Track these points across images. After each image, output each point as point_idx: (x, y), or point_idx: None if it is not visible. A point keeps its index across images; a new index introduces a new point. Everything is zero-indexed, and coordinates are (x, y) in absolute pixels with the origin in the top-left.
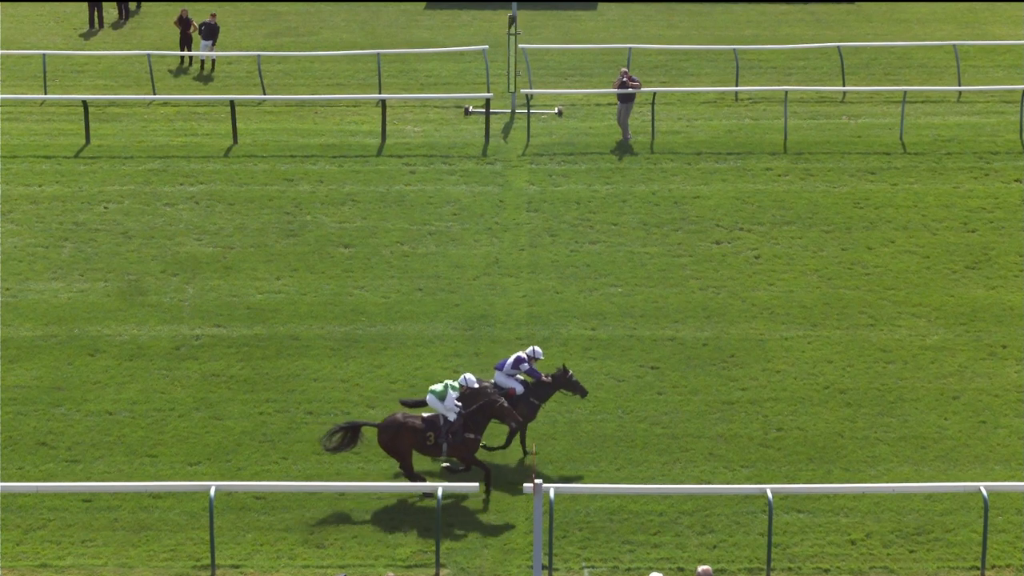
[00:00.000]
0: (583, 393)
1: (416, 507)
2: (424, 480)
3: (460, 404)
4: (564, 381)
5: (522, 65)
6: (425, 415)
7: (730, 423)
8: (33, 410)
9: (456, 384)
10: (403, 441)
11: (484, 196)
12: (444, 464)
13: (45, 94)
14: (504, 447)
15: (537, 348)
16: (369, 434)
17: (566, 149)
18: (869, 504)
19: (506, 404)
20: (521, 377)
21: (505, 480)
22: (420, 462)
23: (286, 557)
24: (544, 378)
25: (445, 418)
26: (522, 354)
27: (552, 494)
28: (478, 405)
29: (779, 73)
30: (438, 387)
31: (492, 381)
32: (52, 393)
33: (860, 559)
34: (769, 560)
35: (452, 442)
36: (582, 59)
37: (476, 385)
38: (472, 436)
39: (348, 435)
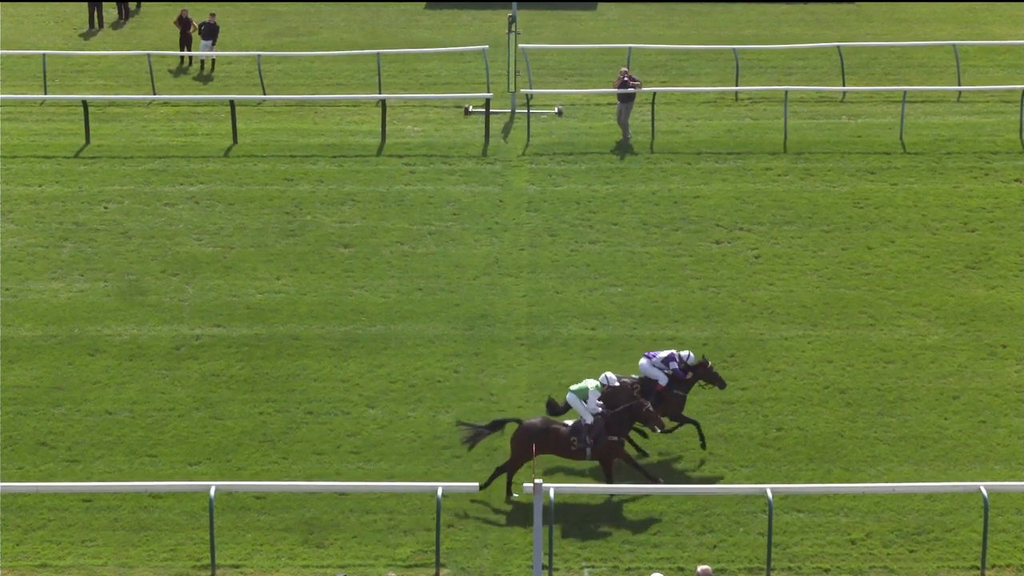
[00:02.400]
0: (722, 385)
1: (416, 507)
2: (511, 496)
3: (602, 404)
4: (705, 372)
5: (522, 65)
6: (569, 421)
7: (730, 423)
8: (33, 410)
9: (598, 384)
10: (540, 446)
11: (484, 196)
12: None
13: (45, 94)
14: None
15: (692, 354)
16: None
17: (566, 149)
18: (869, 504)
19: (651, 408)
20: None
21: (506, 480)
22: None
23: (286, 557)
24: (687, 376)
25: (584, 420)
26: (674, 353)
27: (552, 494)
28: (623, 407)
29: (779, 73)
30: (579, 386)
31: (633, 377)
32: (52, 393)
33: (860, 559)
34: (769, 560)
35: (595, 446)
36: (582, 59)
37: (617, 383)
38: (615, 439)
39: (488, 432)
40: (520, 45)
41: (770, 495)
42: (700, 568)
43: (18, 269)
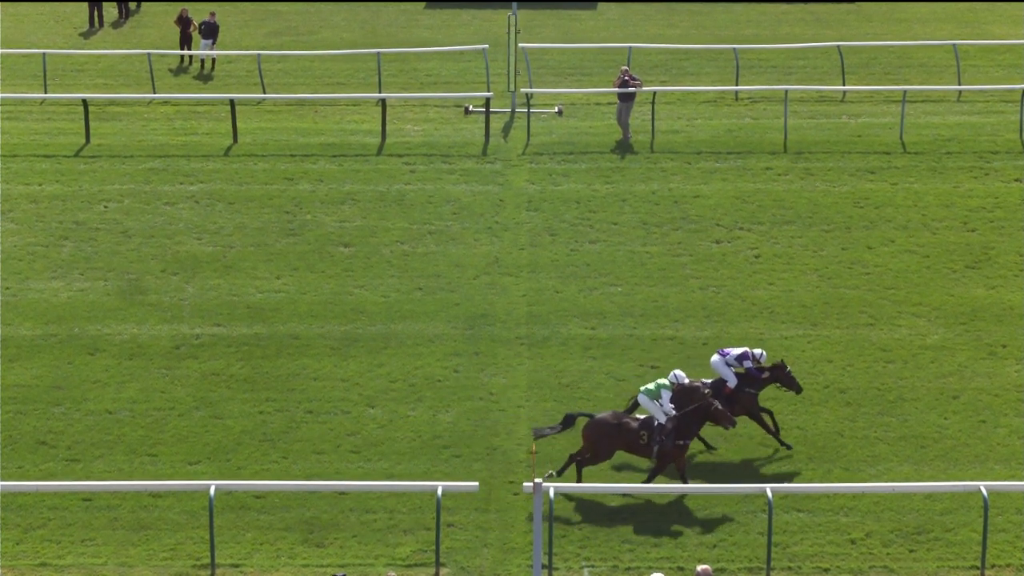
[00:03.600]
0: (798, 390)
1: (416, 507)
2: (557, 475)
3: (673, 406)
4: (781, 375)
5: (522, 65)
6: (640, 416)
7: None
8: (33, 410)
9: (668, 383)
10: (613, 440)
11: (484, 195)
12: (550, 472)
13: (45, 93)
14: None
15: (764, 353)
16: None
17: (566, 148)
18: (869, 504)
19: (720, 406)
20: (735, 370)
21: (505, 480)
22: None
23: (286, 556)
24: (763, 376)
25: (658, 420)
26: (748, 351)
27: (552, 494)
28: (692, 408)
29: (779, 72)
30: (650, 386)
31: (705, 381)
32: (52, 392)
33: (860, 559)
34: (769, 560)
35: (664, 446)
36: (582, 59)
37: (687, 381)
38: (682, 443)
39: (561, 430)
40: (520, 45)
41: (770, 495)
42: (700, 568)
43: (18, 268)
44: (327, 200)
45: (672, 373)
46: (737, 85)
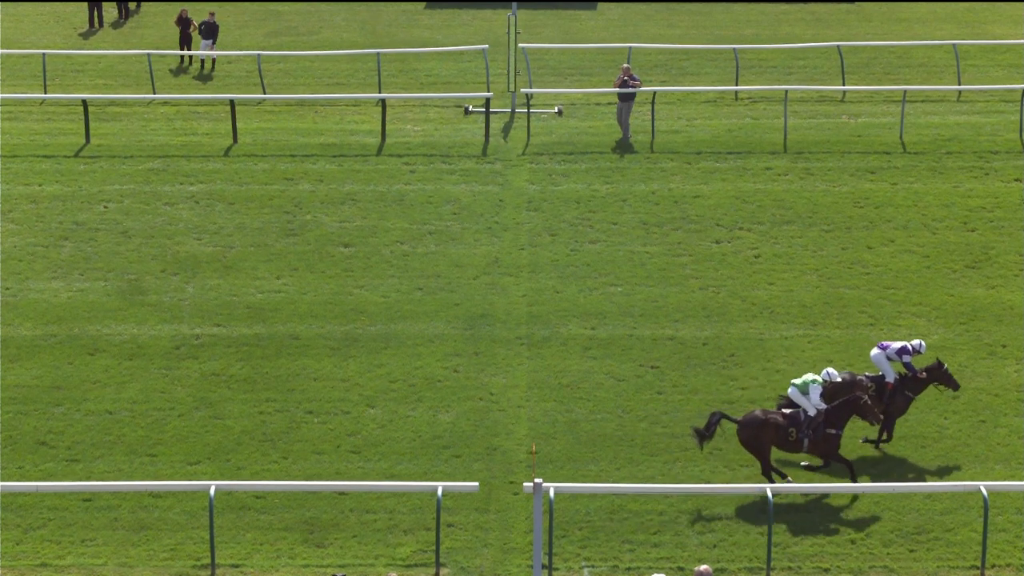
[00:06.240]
0: (956, 387)
1: (416, 507)
2: (786, 478)
3: (823, 399)
4: (939, 375)
5: (522, 65)
6: (786, 411)
7: (730, 423)
8: (33, 410)
9: (819, 379)
10: (764, 437)
11: (484, 195)
12: (803, 464)
13: (45, 93)
14: (876, 442)
15: (923, 343)
16: (729, 428)
17: (566, 148)
18: (869, 504)
19: (868, 401)
20: (894, 369)
21: (505, 480)
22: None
23: (286, 557)
24: (919, 374)
25: (806, 413)
26: (908, 345)
27: (552, 494)
28: (840, 401)
29: (779, 72)
30: (800, 381)
31: (868, 375)
32: (52, 393)
33: (860, 559)
34: (769, 560)
35: (813, 438)
36: (582, 59)
37: (839, 379)
38: (833, 432)
39: (708, 430)
40: (520, 45)
41: (770, 495)
42: (700, 568)
43: (18, 269)
44: (327, 200)
45: (825, 371)
46: (737, 85)
